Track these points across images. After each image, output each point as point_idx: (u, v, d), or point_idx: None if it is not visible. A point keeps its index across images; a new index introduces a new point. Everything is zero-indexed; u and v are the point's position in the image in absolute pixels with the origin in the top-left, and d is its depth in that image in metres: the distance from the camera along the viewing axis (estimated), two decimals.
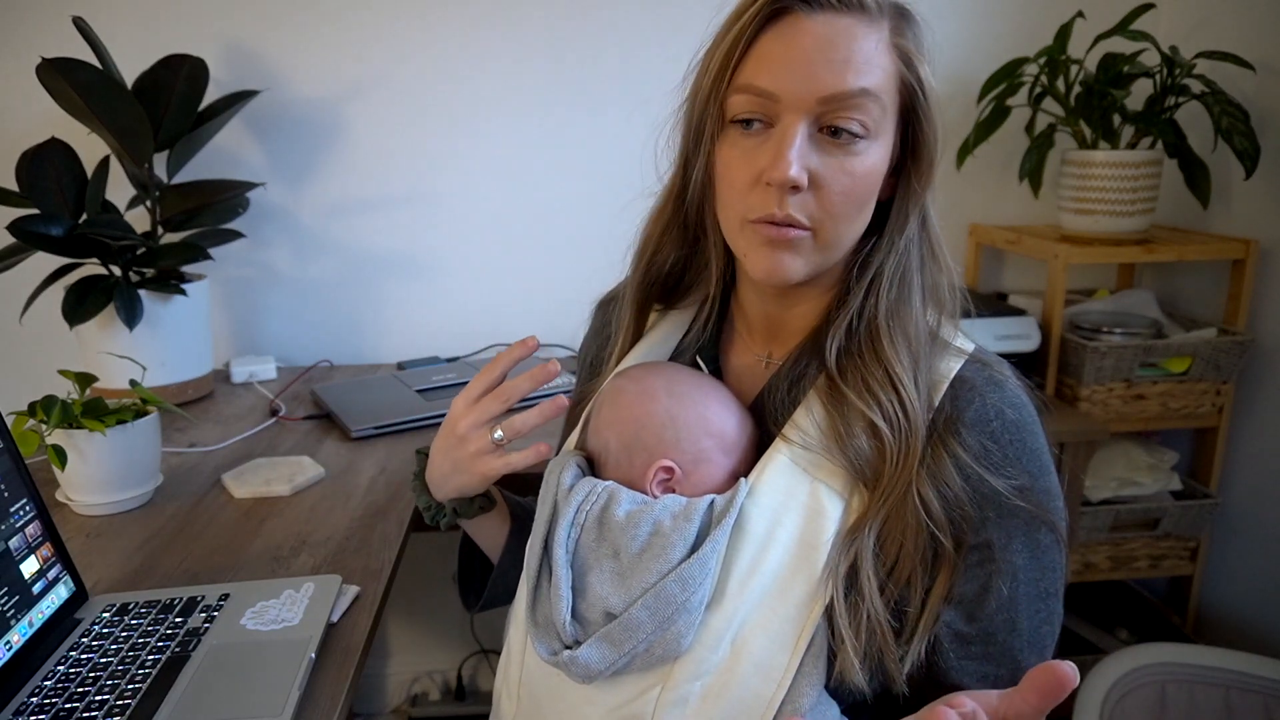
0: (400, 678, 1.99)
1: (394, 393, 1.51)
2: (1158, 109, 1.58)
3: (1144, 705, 1.38)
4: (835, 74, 0.62)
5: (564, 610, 0.65)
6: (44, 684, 0.75)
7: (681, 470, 0.69)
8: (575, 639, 0.65)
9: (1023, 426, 0.67)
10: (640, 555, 0.64)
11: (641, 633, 0.62)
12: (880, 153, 0.66)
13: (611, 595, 0.64)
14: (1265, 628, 1.67)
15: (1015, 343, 1.56)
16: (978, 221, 1.87)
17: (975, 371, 0.69)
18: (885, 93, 0.65)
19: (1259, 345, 1.64)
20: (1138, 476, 1.66)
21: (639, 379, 0.74)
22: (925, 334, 0.69)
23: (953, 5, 1.77)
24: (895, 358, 0.67)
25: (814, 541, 0.65)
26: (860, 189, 0.65)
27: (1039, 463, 0.68)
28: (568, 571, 0.66)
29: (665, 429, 0.70)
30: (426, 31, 1.67)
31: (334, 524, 1.08)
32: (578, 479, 0.71)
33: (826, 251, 0.68)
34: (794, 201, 0.64)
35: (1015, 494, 0.65)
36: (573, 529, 0.67)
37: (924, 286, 0.70)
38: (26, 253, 1.36)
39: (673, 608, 0.62)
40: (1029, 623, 0.68)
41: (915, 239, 0.70)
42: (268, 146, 1.70)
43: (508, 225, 1.78)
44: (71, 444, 1.04)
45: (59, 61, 1.27)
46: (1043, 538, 0.68)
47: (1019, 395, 0.69)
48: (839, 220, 0.66)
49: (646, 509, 0.65)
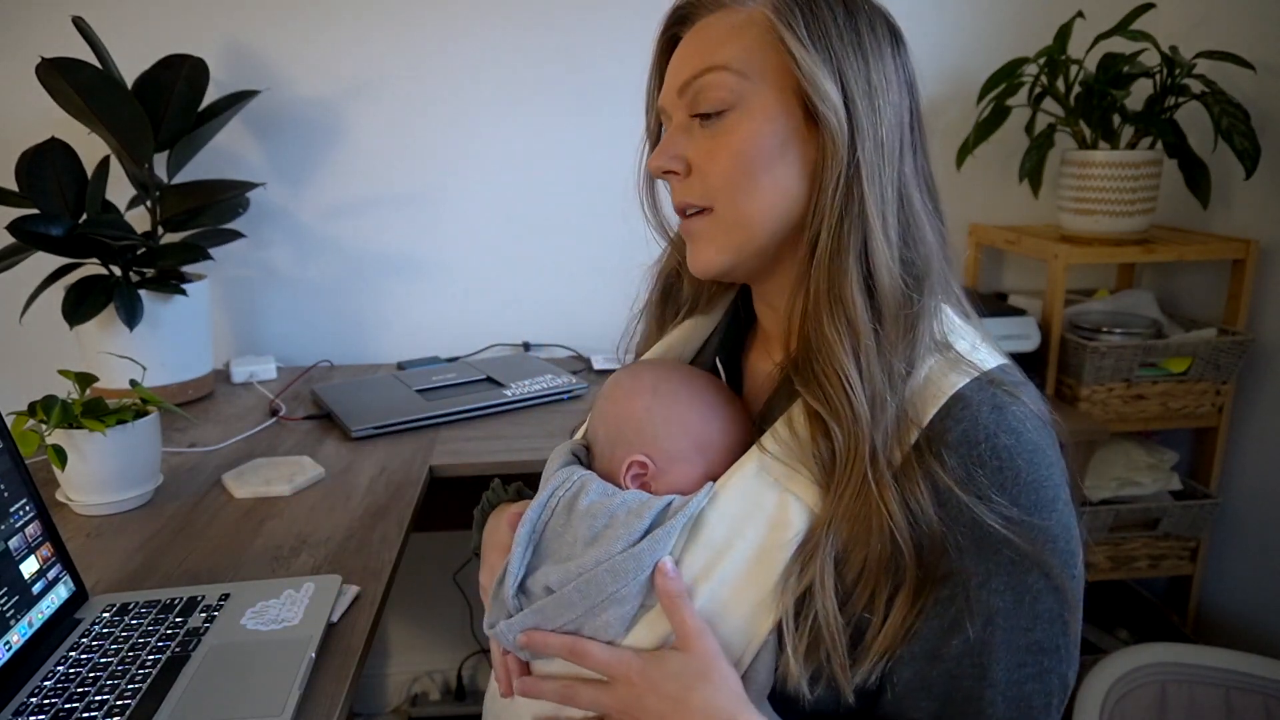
0: (400, 678, 1.99)
1: (394, 393, 1.51)
2: (1158, 109, 1.58)
3: (1144, 705, 1.38)
4: (687, 64, 0.67)
5: (512, 582, 0.68)
6: (44, 684, 0.75)
7: (656, 466, 0.70)
8: (518, 610, 0.68)
9: (1017, 454, 0.60)
10: (590, 544, 0.66)
11: (571, 613, 0.64)
12: (754, 121, 0.64)
13: (553, 573, 0.66)
14: (1265, 628, 1.67)
15: (1015, 343, 1.56)
16: (978, 221, 1.87)
17: (977, 390, 0.62)
18: (744, 62, 0.64)
19: (1259, 345, 1.64)
20: (1138, 476, 1.66)
21: (633, 374, 0.75)
22: (869, 319, 0.63)
23: (953, 5, 1.77)
24: (836, 343, 0.62)
25: (772, 554, 0.62)
26: (737, 160, 0.65)
27: (1036, 497, 0.60)
28: (524, 549, 0.69)
29: (645, 425, 0.71)
30: (427, 31, 1.67)
31: (334, 524, 1.08)
32: (565, 465, 0.73)
33: (736, 230, 0.66)
34: (681, 187, 0.68)
35: (1001, 525, 0.59)
36: (544, 511, 0.69)
37: (864, 262, 0.63)
38: (26, 253, 1.36)
39: (603, 596, 0.63)
40: (1006, 675, 0.61)
41: (846, 207, 0.63)
42: (268, 146, 1.70)
43: (508, 225, 1.78)
44: (71, 444, 1.04)
45: (59, 61, 1.27)
46: (1034, 582, 0.60)
47: (1023, 423, 0.62)
48: (731, 192, 0.66)
49: (608, 500, 0.67)
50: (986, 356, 0.66)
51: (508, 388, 1.52)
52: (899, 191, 0.64)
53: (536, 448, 1.31)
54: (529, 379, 1.55)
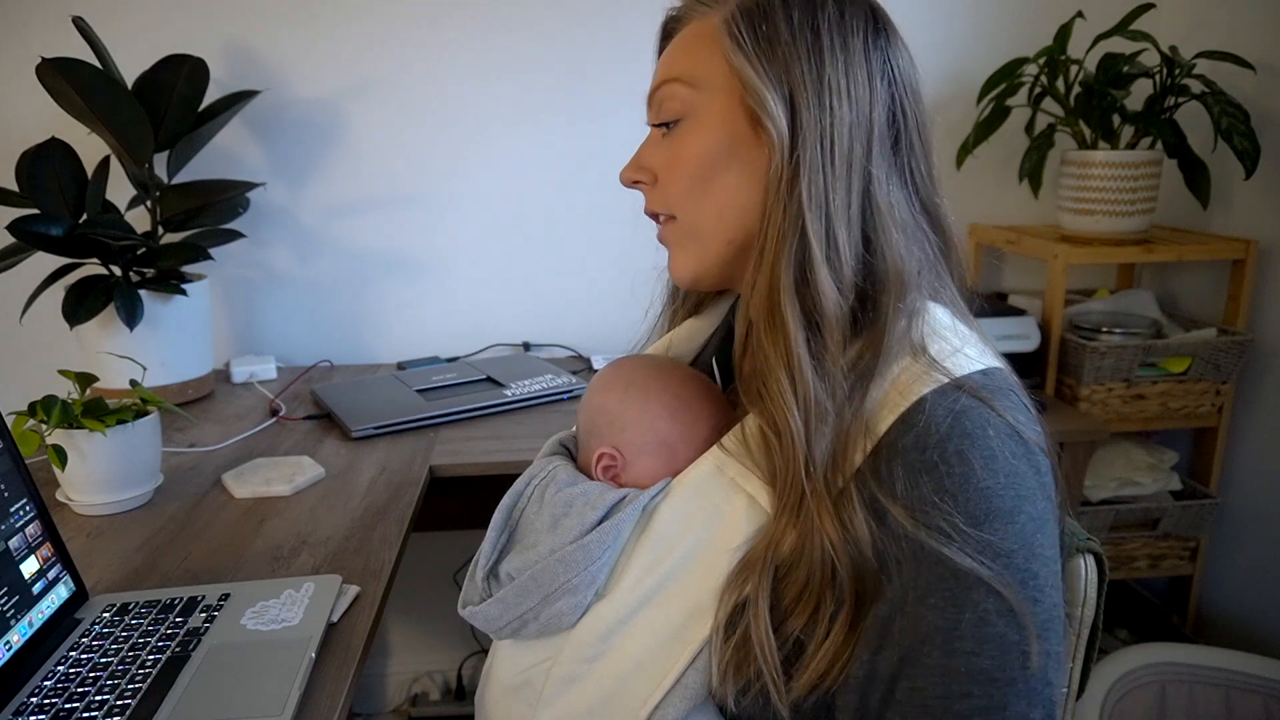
0: (400, 678, 1.99)
1: (394, 393, 1.51)
2: (1157, 109, 1.58)
3: (1144, 705, 1.38)
4: (656, 77, 0.69)
5: (483, 565, 0.70)
6: (44, 684, 0.75)
7: (624, 459, 0.71)
8: (487, 594, 0.70)
9: (969, 460, 0.55)
10: (548, 531, 0.68)
11: (529, 601, 0.66)
12: (704, 130, 0.66)
13: (515, 561, 0.69)
14: (1265, 628, 1.67)
15: (1015, 343, 1.56)
16: (978, 221, 1.87)
17: (940, 396, 0.58)
18: (694, 73, 0.66)
19: (1259, 345, 1.64)
20: (1137, 476, 1.66)
21: (614, 369, 0.77)
22: (800, 326, 0.60)
23: (953, 5, 1.77)
24: (771, 353, 0.61)
25: (718, 557, 0.61)
26: (689, 167, 0.66)
27: (988, 507, 0.55)
28: (497, 534, 0.71)
29: (615, 418, 0.73)
30: (427, 31, 1.67)
31: (334, 524, 1.08)
32: (549, 454, 0.76)
33: (699, 238, 0.68)
34: (649, 196, 0.71)
35: (939, 538, 0.54)
36: (519, 499, 0.72)
37: (801, 268, 0.60)
38: (26, 253, 1.36)
39: (555, 585, 0.65)
40: (942, 704, 0.55)
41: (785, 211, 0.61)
42: (268, 146, 1.70)
43: (508, 225, 1.78)
44: (71, 444, 1.04)
45: (59, 61, 1.27)
46: (979, 600, 0.54)
47: (982, 429, 0.57)
48: (687, 199, 0.68)
49: (570, 491, 0.69)
50: (971, 360, 0.62)
51: (508, 388, 1.52)
52: (862, 191, 0.61)
53: (537, 448, 1.28)
54: (529, 379, 1.55)
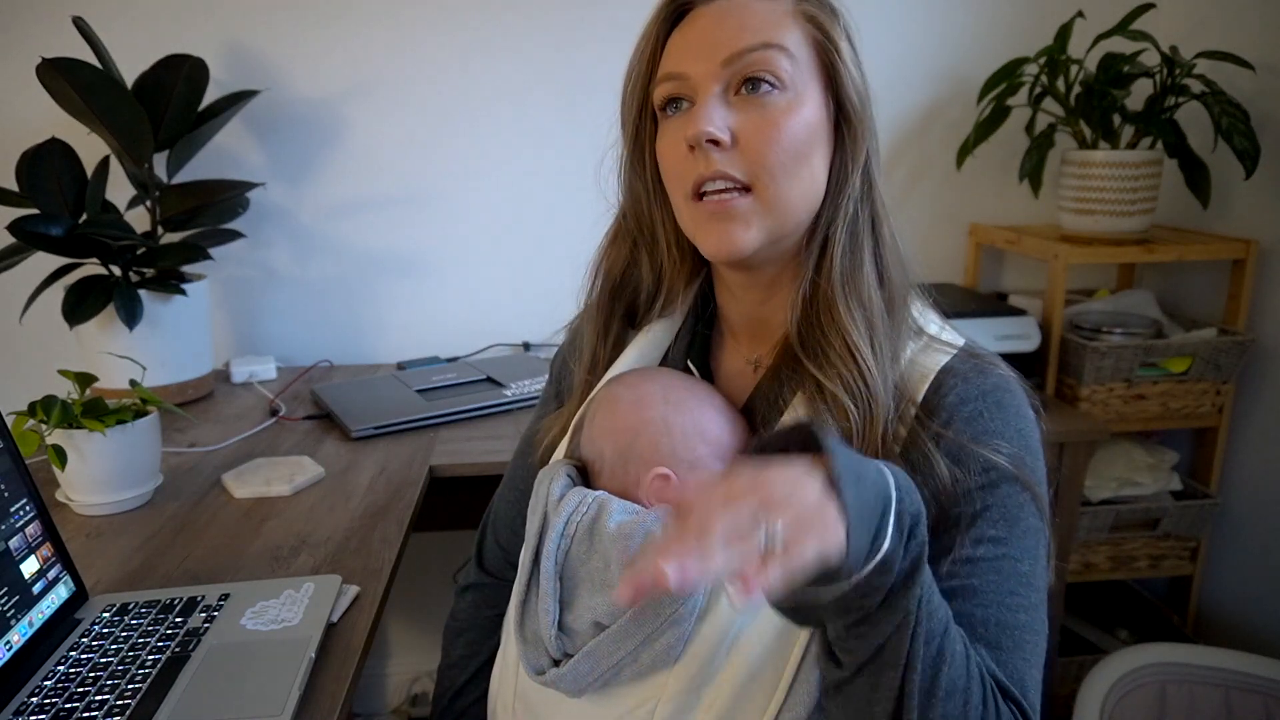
0: (400, 678, 1.99)
1: (394, 393, 1.51)
2: (1158, 109, 1.58)
3: (1144, 705, 1.38)
4: (733, 36, 0.66)
5: (550, 623, 0.65)
6: (44, 684, 0.75)
7: (677, 479, 0.67)
8: (563, 651, 0.65)
9: (1007, 404, 0.67)
10: (630, 568, 0.63)
11: (627, 645, 0.62)
12: (806, 109, 0.66)
13: (600, 606, 0.63)
14: (1265, 628, 1.67)
15: (1015, 343, 1.56)
16: (978, 221, 1.87)
17: (961, 362, 0.69)
18: (795, 48, 0.66)
19: (1259, 345, 1.64)
20: (1138, 476, 1.66)
21: (634, 385, 0.73)
22: (881, 304, 0.68)
23: (953, 5, 1.76)
24: (852, 326, 0.66)
25: None
26: (788, 139, 0.65)
27: (1023, 442, 0.67)
28: (555, 584, 0.65)
29: (661, 437, 0.68)
30: (427, 32, 1.67)
31: (334, 524, 1.08)
32: (568, 489, 0.69)
33: (773, 214, 0.66)
34: (721, 158, 0.65)
35: (1008, 460, 0.64)
36: (562, 540, 0.66)
37: (876, 253, 0.70)
38: (26, 253, 1.36)
39: (661, 619, 0.61)
40: (997, 599, 0.63)
41: (861, 202, 0.69)
42: (268, 146, 1.70)
43: (508, 225, 1.78)
44: (71, 444, 1.04)
45: (59, 61, 1.27)
46: (1027, 515, 0.65)
47: (1006, 380, 0.69)
48: (775, 172, 0.65)
49: (638, 519, 0.64)
50: (954, 336, 0.73)
51: (508, 388, 1.52)
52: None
53: None
54: (529, 379, 1.55)
